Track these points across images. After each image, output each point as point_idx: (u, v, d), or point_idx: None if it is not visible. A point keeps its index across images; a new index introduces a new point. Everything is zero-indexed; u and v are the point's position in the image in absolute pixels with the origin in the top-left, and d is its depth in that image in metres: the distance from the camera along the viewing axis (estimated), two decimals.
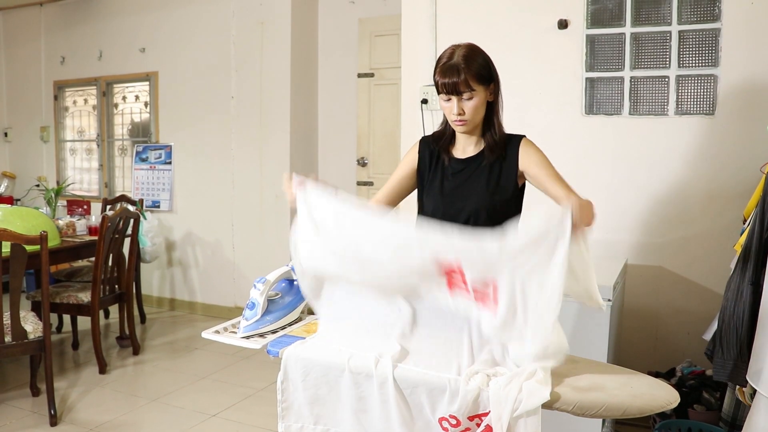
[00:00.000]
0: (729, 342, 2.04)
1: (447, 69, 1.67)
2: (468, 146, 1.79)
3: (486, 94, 1.72)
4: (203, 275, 4.98)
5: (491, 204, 1.71)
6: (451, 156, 1.80)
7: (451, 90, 1.67)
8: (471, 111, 1.69)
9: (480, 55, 1.71)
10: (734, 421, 2.22)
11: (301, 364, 1.54)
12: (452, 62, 1.67)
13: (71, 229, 4.04)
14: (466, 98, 1.68)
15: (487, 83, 1.71)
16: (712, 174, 2.88)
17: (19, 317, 2.87)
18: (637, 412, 1.23)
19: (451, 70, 1.66)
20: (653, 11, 2.92)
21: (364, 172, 4.64)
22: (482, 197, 1.71)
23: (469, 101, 1.68)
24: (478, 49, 1.73)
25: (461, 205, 1.73)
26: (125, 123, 5.42)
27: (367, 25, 4.52)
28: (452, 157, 1.79)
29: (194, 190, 4.96)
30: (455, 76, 1.65)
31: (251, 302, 1.68)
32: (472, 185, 1.74)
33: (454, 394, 1.35)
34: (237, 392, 3.35)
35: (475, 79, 1.67)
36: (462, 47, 1.71)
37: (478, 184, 1.73)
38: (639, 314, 3.06)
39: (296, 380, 1.55)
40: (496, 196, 1.72)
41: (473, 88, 1.67)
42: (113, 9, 5.23)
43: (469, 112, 1.69)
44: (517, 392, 1.27)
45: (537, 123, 3.20)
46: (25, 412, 3.06)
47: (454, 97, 1.68)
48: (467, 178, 1.75)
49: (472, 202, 1.72)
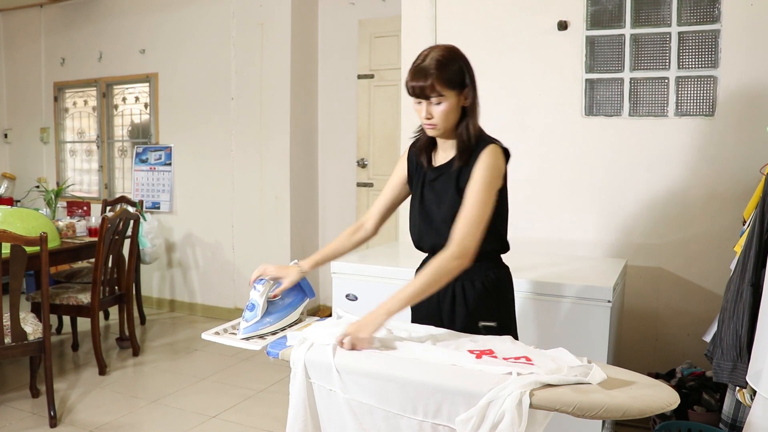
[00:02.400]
0: (729, 343, 2.04)
1: (416, 72, 1.61)
2: (445, 151, 1.74)
3: (459, 100, 1.64)
4: (203, 276, 4.98)
5: (455, 212, 1.64)
6: (431, 164, 1.76)
7: (419, 94, 1.61)
8: (440, 116, 1.62)
9: (454, 59, 1.63)
10: (734, 422, 2.21)
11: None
12: (423, 65, 1.61)
13: (71, 230, 4.04)
14: (435, 103, 1.61)
15: (459, 88, 1.63)
16: (712, 175, 2.88)
17: (19, 318, 2.87)
18: (637, 414, 1.23)
19: (420, 73, 1.60)
20: (653, 12, 2.93)
21: (364, 174, 4.64)
22: (452, 204, 1.66)
23: (438, 106, 1.61)
24: (453, 52, 1.65)
25: (434, 214, 1.70)
26: (125, 124, 5.42)
27: (367, 26, 4.53)
28: (430, 165, 1.76)
29: (194, 192, 4.96)
30: (422, 80, 1.59)
31: (251, 303, 1.67)
32: (444, 192, 1.69)
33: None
34: (237, 393, 3.35)
35: (445, 85, 1.59)
36: (437, 49, 1.64)
37: (448, 191, 1.68)
38: (639, 315, 3.06)
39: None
40: (457, 205, 1.64)
41: (442, 93, 1.60)
42: (113, 10, 5.24)
43: (438, 116, 1.63)
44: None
45: (537, 124, 3.21)
46: (25, 413, 3.06)
47: (424, 100, 1.62)
48: (441, 186, 1.70)
49: (443, 210, 1.68)
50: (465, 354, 1.44)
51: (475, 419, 1.25)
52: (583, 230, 3.15)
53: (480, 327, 1.69)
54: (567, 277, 2.43)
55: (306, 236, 4.78)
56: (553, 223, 3.19)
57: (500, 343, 1.54)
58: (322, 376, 1.48)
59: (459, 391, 1.32)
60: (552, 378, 1.29)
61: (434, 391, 1.34)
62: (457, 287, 1.72)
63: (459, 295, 1.72)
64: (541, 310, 2.35)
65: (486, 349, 1.49)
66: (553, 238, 3.19)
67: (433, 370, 1.38)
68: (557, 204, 3.19)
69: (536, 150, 3.22)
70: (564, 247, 3.17)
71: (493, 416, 1.24)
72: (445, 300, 1.74)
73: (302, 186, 4.71)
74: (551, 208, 3.20)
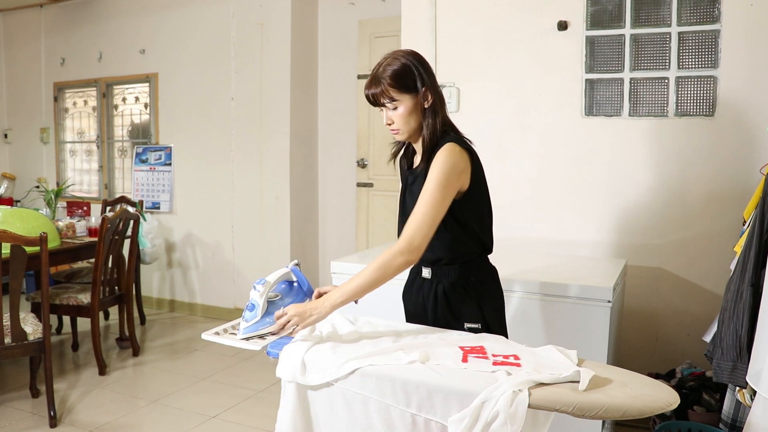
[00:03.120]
0: (729, 343, 2.04)
1: (370, 81, 1.64)
2: (419, 154, 1.75)
3: (416, 102, 1.64)
4: (203, 276, 4.98)
5: None
6: (411, 167, 1.79)
7: (373, 102, 1.65)
8: (399, 120, 1.64)
9: (406, 63, 1.63)
10: (734, 422, 2.21)
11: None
12: (376, 73, 1.63)
13: (71, 230, 4.04)
14: (391, 108, 1.64)
15: (413, 91, 1.63)
16: (712, 175, 2.88)
17: (19, 318, 2.87)
18: (637, 414, 1.23)
19: (373, 81, 1.63)
20: (653, 12, 2.93)
21: (363, 174, 4.64)
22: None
23: (396, 111, 1.64)
24: (406, 56, 1.65)
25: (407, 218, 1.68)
26: (125, 124, 5.42)
27: (367, 26, 4.53)
28: (410, 169, 1.79)
29: (194, 192, 4.96)
30: (374, 87, 1.62)
31: (251, 303, 1.67)
32: (415, 196, 1.68)
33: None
34: (237, 394, 3.35)
35: (397, 89, 1.61)
36: (390, 56, 1.66)
37: (418, 193, 1.67)
38: (639, 315, 3.06)
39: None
40: None
41: (395, 98, 1.62)
42: (113, 10, 5.24)
43: (398, 121, 1.64)
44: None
45: (537, 125, 3.21)
46: (25, 413, 3.06)
47: (382, 107, 1.65)
48: (417, 188, 1.68)
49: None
50: (455, 350, 1.47)
51: (468, 419, 1.26)
52: (583, 230, 3.15)
53: (465, 328, 1.70)
54: (567, 277, 2.43)
55: (306, 236, 4.78)
56: (553, 223, 3.19)
57: (492, 342, 1.55)
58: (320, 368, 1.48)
59: (452, 389, 1.33)
60: (543, 377, 1.30)
61: (428, 388, 1.35)
62: (438, 289, 1.74)
63: (441, 298, 1.74)
64: (541, 310, 2.35)
65: (477, 345, 1.51)
66: (553, 238, 3.19)
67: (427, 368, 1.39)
68: (557, 204, 3.19)
69: (536, 150, 3.22)
70: (564, 247, 3.17)
71: (486, 416, 1.25)
72: (428, 301, 1.76)
73: (302, 186, 4.71)
74: (551, 208, 3.20)
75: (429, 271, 1.76)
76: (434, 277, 1.75)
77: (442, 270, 1.73)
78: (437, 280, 1.74)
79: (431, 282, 1.75)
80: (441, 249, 1.70)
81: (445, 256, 1.71)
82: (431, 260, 1.73)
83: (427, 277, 1.76)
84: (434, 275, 1.75)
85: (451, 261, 1.72)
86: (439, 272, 1.74)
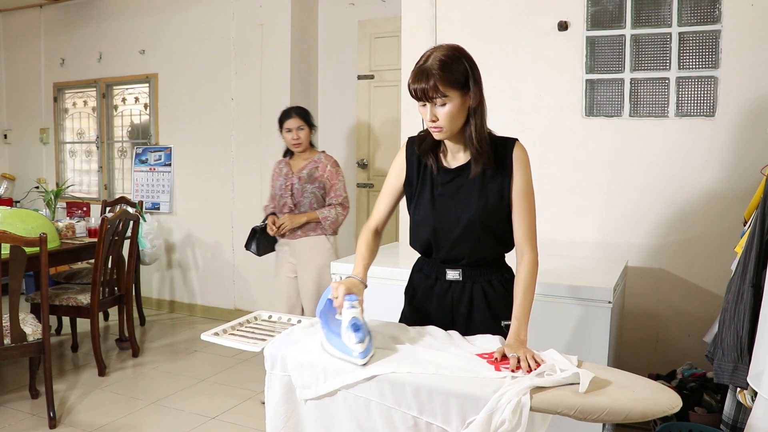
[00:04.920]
0: (730, 344, 2.04)
1: (418, 73, 1.55)
2: (457, 153, 1.69)
3: (464, 100, 1.58)
4: (203, 277, 4.97)
5: (485, 215, 1.63)
6: (441, 164, 1.70)
7: (422, 96, 1.55)
8: (445, 118, 1.56)
9: (458, 59, 1.57)
10: (735, 423, 2.21)
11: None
12: (425, 66, 1.54)
13: (71, 231, 4.04)
14: (439, 104, 1.55)
15: (463, 89, 1.57)
16: (713, 176, 2.88)
17: (19, 319, 2.86)
18: (639, 417, 1.22)
19: (422, 74, 1.54)
20: (653, 13, 2.92)
21: (364, 174, 4.64)
22: (475, 209, 1.63)
23: (443, 107, 1.55)
24: (457, 51, 1.59)
25: (454, 219, 1.65)
26: (125, 125, 5.41)
27: (367, 26, 4.52)
28: (441, 166, 1.70)
29: (194, 192, 4.96)
30: (425, 82, 1.53)
31: (354, 323, 1.49)
32: (464, 197, 1.65)
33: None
34: (237, 395, 3.35)
35: (449, 85, 1.53)
36: (441, 49, 1.58)
37: (470, 195, 1.64)
38: (639, 316, 3.05)
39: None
40: (489, 207, 1.63)
41: (446, 94, 1.54)
42: (113, 11, 5.23)
43: (443, 118, 1.56)
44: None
45: (537, 125, 3.20)
46: (24, 414, 3.06)
47: (428, 102, 1.56)
48: (458, 190, 1.65)
49: (466, 216, 1.63)
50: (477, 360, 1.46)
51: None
52: (583, 231, 3.14)
53: (503, 326, 1.69)
54: (567, 277, 2.43)
55: None
56: (553, 223, 3.19)
57: (492, 345, 1.55)
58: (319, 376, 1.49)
59: (456, 393, 1.33)
60: (544, 381, 1.31)
61: (428, 391, 1.35)
62: (476, 290, 1.70)
63: (478, 298, 1.70)
64: (542, 310, 2.34)
65: (486, 352, 1.50)
66: (553, 239, 3.18)
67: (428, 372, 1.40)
68: (557, 204, 3.18)
69: (536, 150, 3.19)
70: (564, 248, 3.16)
71: (494, 425, 1.25)
72: (461, 303, 1.71)
73: None
74: (551, 209, 3.19)
75: (458, 272, 1.70)
76: (467, 278, 1.70)
77: (476, 271, 1.70)
78: (471, 281, 1.70)
79: (463, 283, 1.70)
80: (487, 249, 1.68)
81: (489, 256, 1.69)
82: (470, 261, 1.68)
83: (457, 278, 1.71)
84: (467, 276, 1.70)
85: (493, 260, 1.71)
86: (473, 273, 1.70)
